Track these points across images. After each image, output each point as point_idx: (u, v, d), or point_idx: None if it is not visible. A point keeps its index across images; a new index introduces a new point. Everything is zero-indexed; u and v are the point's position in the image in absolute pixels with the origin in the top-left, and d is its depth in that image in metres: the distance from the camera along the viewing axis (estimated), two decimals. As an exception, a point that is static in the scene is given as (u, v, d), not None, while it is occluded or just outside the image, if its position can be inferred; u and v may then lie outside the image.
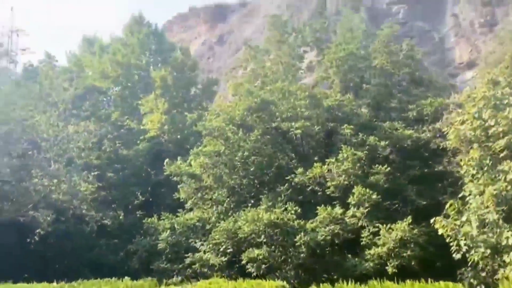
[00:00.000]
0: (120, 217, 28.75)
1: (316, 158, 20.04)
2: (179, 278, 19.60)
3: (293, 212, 17.59)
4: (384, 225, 16.13)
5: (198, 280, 17.17)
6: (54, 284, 16.59)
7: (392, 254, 15.49)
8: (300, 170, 19.06)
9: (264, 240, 17.30)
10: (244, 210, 18.89)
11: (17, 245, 26.02)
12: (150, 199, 30.13)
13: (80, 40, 43.11)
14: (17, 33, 61.36)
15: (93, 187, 26.75)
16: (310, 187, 19.15)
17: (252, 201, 20.33)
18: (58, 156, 26.21)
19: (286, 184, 19.46)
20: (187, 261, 19.84)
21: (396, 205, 18.24)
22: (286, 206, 18.05)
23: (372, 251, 15.99)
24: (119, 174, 31.44)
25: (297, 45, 30.09)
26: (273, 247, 17.25)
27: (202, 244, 20.05)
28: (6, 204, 24.37)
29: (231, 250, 18.57)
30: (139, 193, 30.40)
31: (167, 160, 23.40)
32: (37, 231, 25.50)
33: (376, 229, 16.40)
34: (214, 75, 53.12)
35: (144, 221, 23.79)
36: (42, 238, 25.90)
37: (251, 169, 20.92)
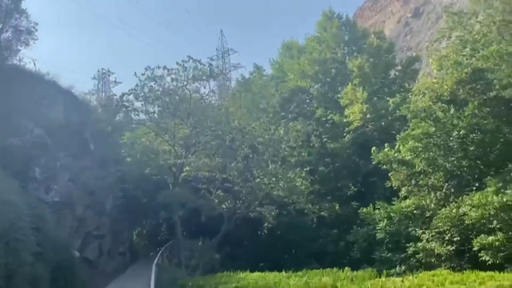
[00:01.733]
0: (336, 208, 29.72)
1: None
2: (402, 267, 19.01)
3: (531, 192, 15.03)
4: None
5: (422, 271, 16.32)
6: (283, 273, 18.14)
7: None
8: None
9: (498, 226, 15.35)
10: (467, 195, 17.06)
11: (250, 238, 29.89)
12: (362, 189, 30.25)
13: (279, 47, 46.10)
14: (228, 53, 70.38)
15: (307, 182, 28.36)
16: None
17: (477, 184, 18.16)
18: (273, 156, 28.71)
19: (519, 162, 16.72)
20: (410, 250, 19.17)
21: None
22: (522, 186, 15.52)
23: None
24: (329, 167, 32.59)
25: (513, -2, 25.36)
26: (511, 233, 15.09)
27: (423, 233, 19.08)
28: (238, 202, 28.06)
29: (457, 238, 17.21)
30: (351, 184, 30.91)
31: (374, 148, 23.02)
32: (265, 224, 28.66)
33: None
34: (414, 53, 49.67)
35: (359, 211, 23.98)
36: (269, 231, 29.02)
37: (471, 149, 18.69)
